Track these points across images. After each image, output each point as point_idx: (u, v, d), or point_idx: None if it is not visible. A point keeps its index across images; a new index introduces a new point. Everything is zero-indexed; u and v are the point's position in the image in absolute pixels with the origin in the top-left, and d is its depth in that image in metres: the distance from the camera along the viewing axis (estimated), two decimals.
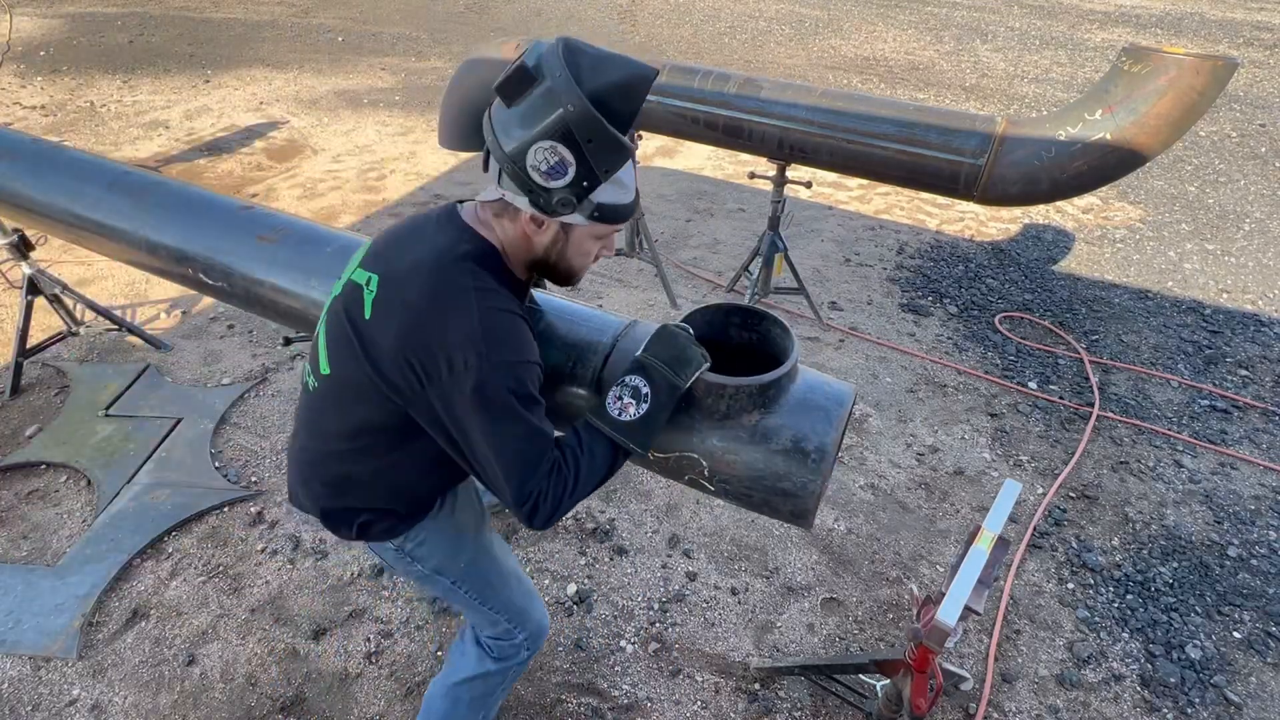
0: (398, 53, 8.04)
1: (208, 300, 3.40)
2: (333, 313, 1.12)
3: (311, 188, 4.75)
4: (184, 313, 3.35)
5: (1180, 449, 2.76)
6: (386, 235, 1.15)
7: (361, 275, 1.09)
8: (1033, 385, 3.08)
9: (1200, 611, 2.13)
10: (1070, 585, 2.20)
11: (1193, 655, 2.00)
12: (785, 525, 2.35)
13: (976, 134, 2.39)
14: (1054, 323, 3.55)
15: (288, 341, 2.63)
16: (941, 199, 4.86)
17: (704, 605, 2.10)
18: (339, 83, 6.92)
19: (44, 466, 2.45)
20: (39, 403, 2.74)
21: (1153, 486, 2.58)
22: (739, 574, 2.20)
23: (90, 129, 5.53)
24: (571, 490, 1.04)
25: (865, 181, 5.11)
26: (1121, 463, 2.68)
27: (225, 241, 1.67)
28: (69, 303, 2.86)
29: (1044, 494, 2.52)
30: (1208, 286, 3.95)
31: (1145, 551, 2.32)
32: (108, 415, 2.63)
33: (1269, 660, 2.00)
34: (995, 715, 1.84)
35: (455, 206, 1.11)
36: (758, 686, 1.89)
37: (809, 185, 3.10)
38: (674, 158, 5.62)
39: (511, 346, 1.00)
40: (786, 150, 2.76)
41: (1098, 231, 4.58)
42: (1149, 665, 1.98)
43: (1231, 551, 2.32)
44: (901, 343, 3.34)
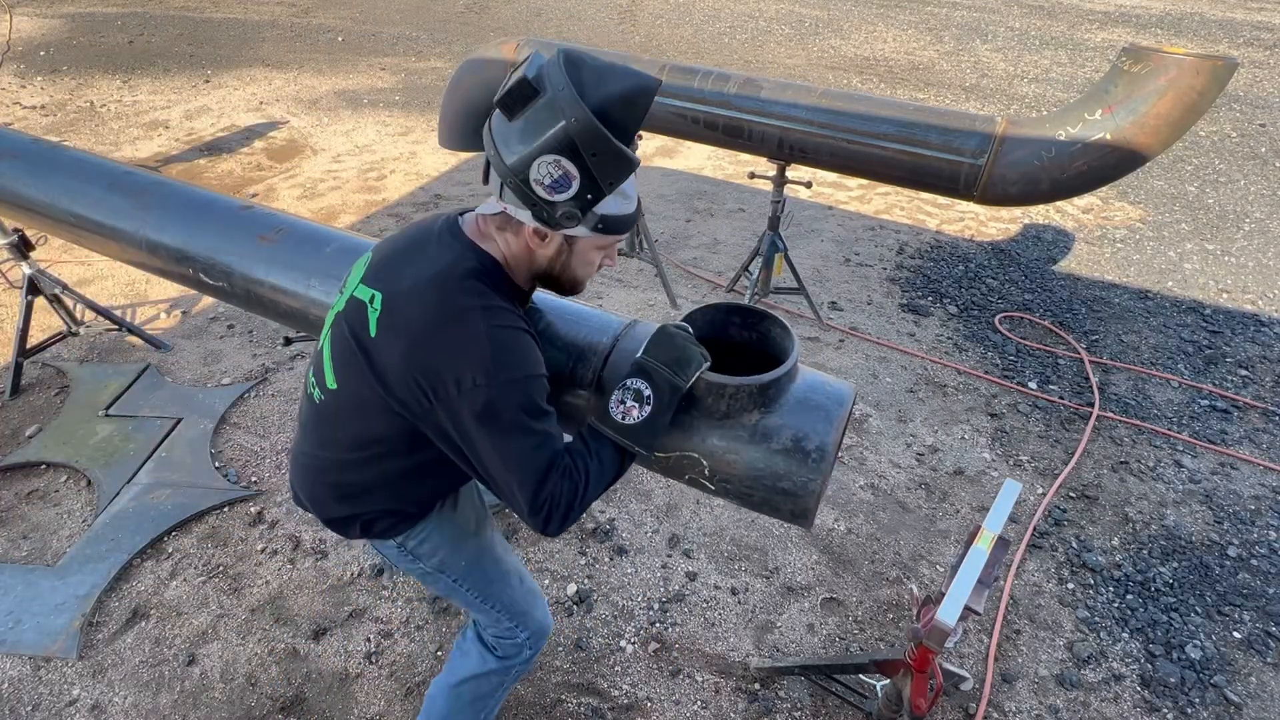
0: (398, 53, 8.04)
1: (208, 300, 3.40)
2: (337, 329, 1.12)
3: (311, 188, 4.75)
4: (184, 313, 3.35)
5: (1180, 449, 2.76)
6: (388, 249, 1.14)
7: (365, 292, 1.08)
8: (1033, 385, 3.08)
9: (1200, 611, 2.13)
10: (1070, 585, 2.20)
11: (1193, 655, 2.00)
12: (785, 525, 2.35)
13: (976, 134, 2.39)
14: (1054, 323, 3.55)
15: (288, 341, 2.64)
16: (941, 199, 4.86)
17: (704, 605, 2.10)
18: (339, 83, 6.92)
19: (44, 466, 2.45)
20: (39, 403, 2.74)
21: (1153, 486, 2.58)
22: (739, 574, 2.20)
23: (90, 129, 5.53)
24: (582, 496, 1.05)
25: (865, 181, 5.12)
26: (1121, 463, 2.68)
27: (225, 241, 1.67)
28: (69, 303, 2.87)
29: (1044, 494, 2.52)
30: (1208, 286, 3.95)
31: (1145, 551, 2.32)
32: (108, 415, 2.63)
33: (1269, 660, 2.00)
34: (995, 715, 1.84)
35: (457, 219, 1.10)
36: (758, 686, 1.89)
37: (809, 185, 3.10)
38: (674, 158, 5.62)
39: (518, 363, 1.00)
40: (786, 150, 2.76)
41: (1098, 231, 4.58)
42: (1149, 665, 1.98)
43: (1231, 551, 2.32)
44: (901, 343, 3.34)
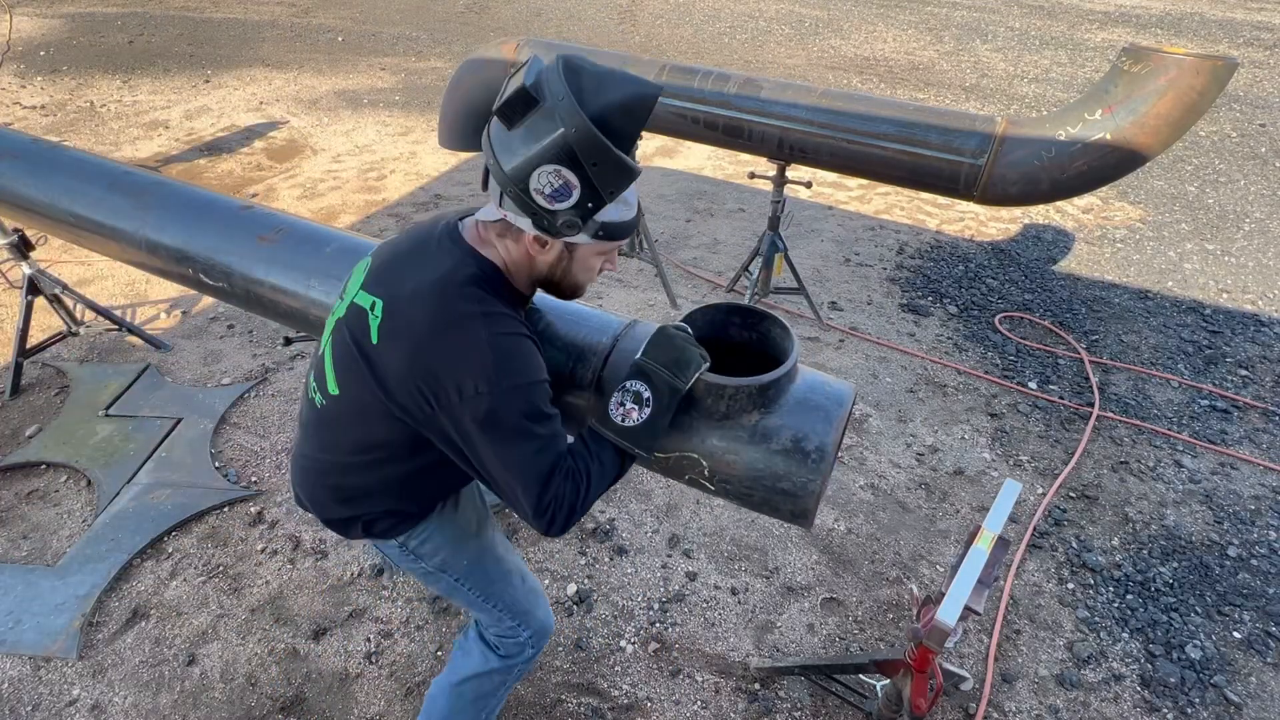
0: (398, 53, 8.04)
1: (208, 300, 3.40)
2: (338, 334, 1.13)
3: (311, 188, 4.75)
4: (184, 313, 3.35)
5: (1180, 449, 2.76)
6: (388, 254, 1.13)
7: (365, 299, 1.08)
8: (1033, 385, 3.08)
9: (1200, 611, 2.13)
10: (1070, 585, 2.20)
11: (1193, 655, 2.00)
12: (785, 525, 2.35)
13: (976, 134, 2.39)
14: (1054, 323, 3.55)
15: (288, 341, 2.64)
16: (941, 199, 4.86)
17: (704, 605, 2.10)
18: (339, 83, 6.92)
19: (44, 466, 2.45)
20: (39, 403, 2.74)
21: (1153, 486, 2.58)
22: (739, 574, 2.20)
23: (90, 129, 5.53)
24: (584, 497, 1.05)
25: (865, 181, 5.12)
26: (1121, 463, 2.68)
27: (225, 241, 1.67)
28: (69, 303, 2.87)
29: (1044, 494, 2.52)
30: (1208, 286, 3.95)
31: (1145, 551, 2.32)
32: (108, 415, 2.63)
33: (1269, 660, 2.00)
34: (995, 715, 1.84)
35: (456, 225, 1.10)
36: (758, 686, 1.89)
37: (809, 185, 3.10)
38: (674, 158, 5.62)
39: (520, 370, 1.00)
40: (786, 150, 2.76)
41: (1098, 231, 4.58)
42: (1149, 665, 1.98)
43: (1231, 551, 2.32)
44: (901, 343, 3.34)
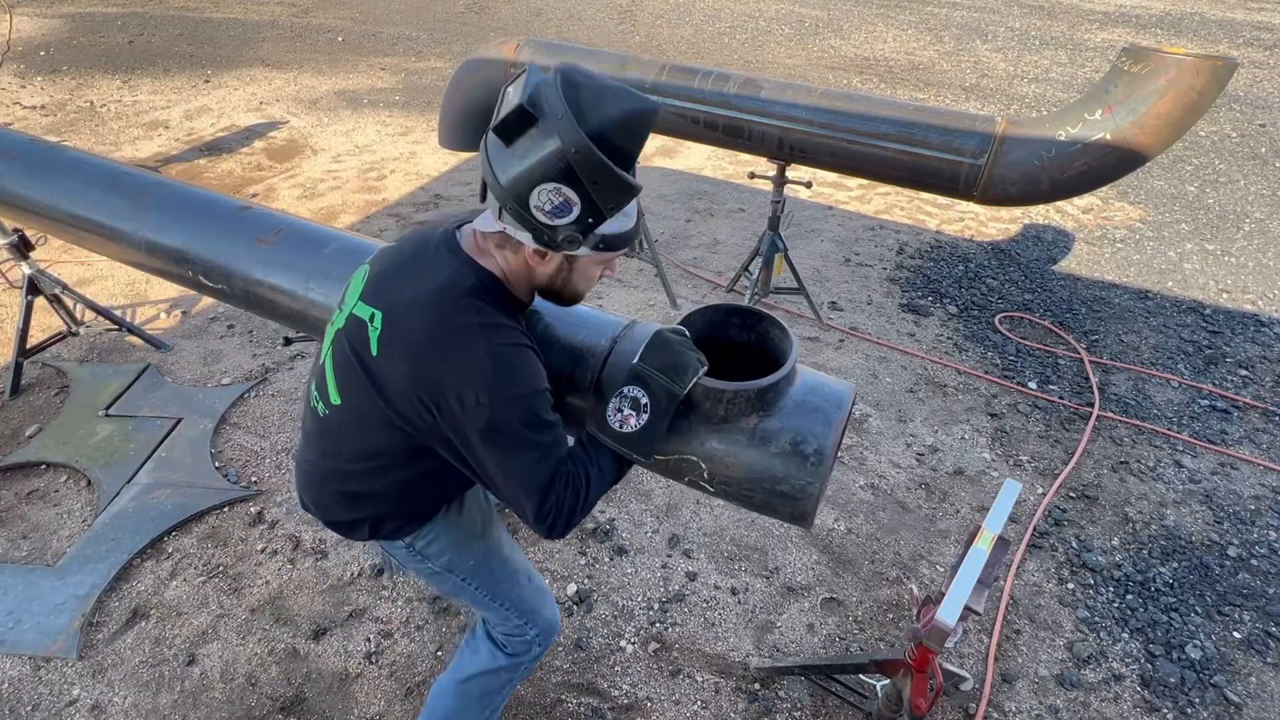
0: (398, 53, 8.04)
1: (208, 300, 3.40)
2: (338, 345, 1.13)
3: (311, 188, 4.75)
4: (184, 313, 3.35)
5: (1180, 449, 2.76)
6: (386, 264, 1.13)
7: (364, 310, 1.09)
8: (1033, 385, 3.08)
9: (1200, 611, 2.13)
10: (1070, 585, 2.20)
11: (1193, 655, 2.00)
12: (785, 525, 2.35)
13: (976, 134, 2.39)
14: (1054, 323, 3.55)
15: (288, 341, 2.63)
16: (941, 199, 4.86)
17: (704, 605, 2.10)
18: (339, 83, 6.92)
19: (44, 466, 2.45)
20: (39, 403, 2.74)
21: (1153, 486, 2.58)
22: (739, 574, 2.20)
23: (90, 129, 5.53)
24: (584, 502, 1.06)
25: (865, 181, 5.11)
26: (1121, 463, 2.68)
27: (225, 242, 1.67)
28: (69, 303, 2.87)
29: (1044, 494, 2.52)
30: (1208, 286, 3.95)
31: (1145, 551, 2.32)
32: (108, 415, 2.63)
33: (1269, 660, 2.00)
34: (995, 715, 1.84)
35: (454, 234, 1.10)
36: (758, 686, 1.89)
37: (809, 185, 3.10)
38: (674, 158, 5.62)
39: (520, 380, 1.01)
40: (786, 150, 2.76)
41: (1098, 231, 4.58)
42: (1149, 665, 1.98)
43: (1231, 551, 2.32)
44: (901, 343, 3.34)
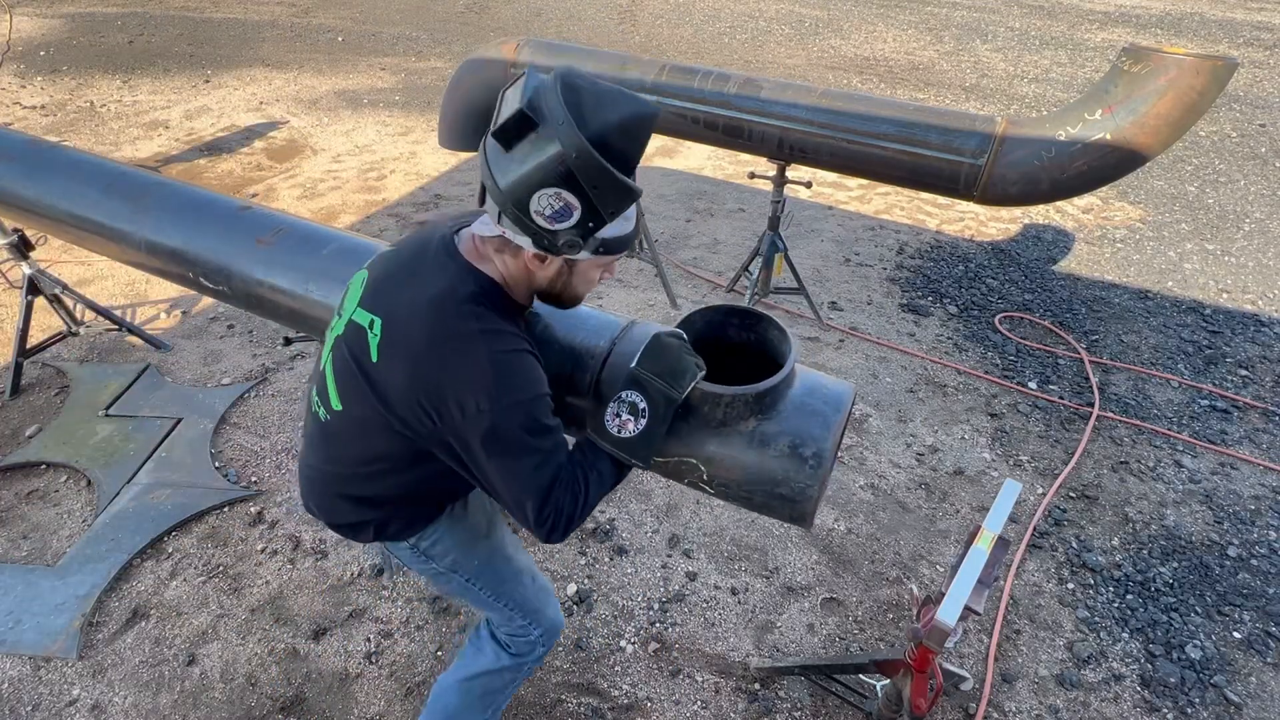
0: (398, 53, 8.04)
1: (208, 300, 3.40)
2: (338, 351, 1.13)
3: (311, 188, 4.75)
4: (184, 313, 3.35)
5: (1180, 449, 2.76)
6: (384, 269, 1.13)
7: (364, 317, 1.09)
8: (1033, 385, 3.08)
9: (1200, 611, 2.13)
10: (1070, 585, 2.20)
11: (1193, 655, 2.00)
12: (785, 525, 2.35)
13: (976, 134, 2.39)
14: (1054, 323, 3.55)
15: (288, 341, 2.63)
16: (941, 199, 4.85)
17: (704, 605, 2.10)
18: (339, 83, 6.92)
19: (44, 466, 2.45)
20: (39, 403, 2.74)
21: (1153, 486, 2.58)
22: (739, 574, 2.20)
23: (90, 129, 5.53)
24: (582, 506, 1.06)
25: (865, 181, 5.11)
26: (1121, 463, 2.68)
27: (224, 243, 1.67)
28: (69, 303, 2.87)
29: (1044, 494, 2.52)
30: (1208, 286, 3.95)
31: (1145, 551, 2.32)
32: (108, 415, 2.63)
33: (1269, 660, 2.00)
34: (995, 715, 1.84)
35: (453, 238, 1.09)
36: (758, 686, 1.89)
37: (809, 185, 3.10)
38: (674, 158, 5.62)
39: (521, 386, 1.01)
40: (786, 150, 2.76)
41: (1098, 231, 4.58)
42: (1149, 665, 1.98)
43: (1231, 551, 2.32)
44: (901, 343, 3.34)
